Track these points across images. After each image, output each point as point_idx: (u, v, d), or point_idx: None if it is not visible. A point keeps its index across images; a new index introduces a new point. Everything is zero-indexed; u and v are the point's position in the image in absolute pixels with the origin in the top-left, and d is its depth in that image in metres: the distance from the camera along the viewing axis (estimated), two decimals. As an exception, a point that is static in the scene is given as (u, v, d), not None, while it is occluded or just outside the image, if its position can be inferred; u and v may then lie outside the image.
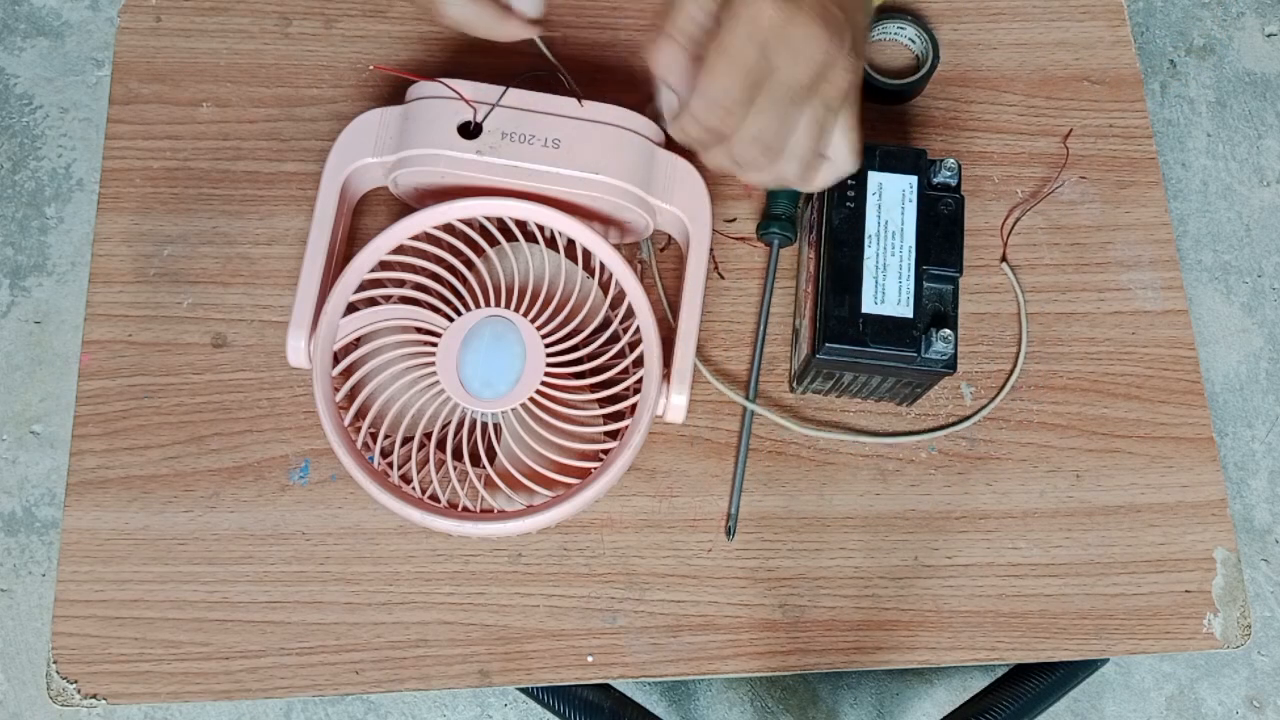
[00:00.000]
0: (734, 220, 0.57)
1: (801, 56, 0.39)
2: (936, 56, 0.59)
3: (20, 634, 1.08)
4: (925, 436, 0.54)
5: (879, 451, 0.54)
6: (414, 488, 0.48)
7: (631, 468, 0.51)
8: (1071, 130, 0.59)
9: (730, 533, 0.52)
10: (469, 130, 0.49)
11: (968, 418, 0.54)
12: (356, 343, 0.50)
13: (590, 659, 0.50)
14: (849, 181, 0.50)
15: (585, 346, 0.50)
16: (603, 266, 0.51)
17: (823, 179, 0.46)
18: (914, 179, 0.50)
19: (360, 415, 0.49)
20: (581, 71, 0.52)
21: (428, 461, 0.48)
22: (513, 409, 0.48)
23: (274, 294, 0.55)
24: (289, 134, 0.57)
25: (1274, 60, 1.35)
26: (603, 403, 0.51)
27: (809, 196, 0.56)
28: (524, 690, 0.60)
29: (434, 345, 0.49)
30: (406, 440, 0.49)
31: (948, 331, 0.47)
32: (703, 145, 0.43)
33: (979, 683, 0.84)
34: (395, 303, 0.50)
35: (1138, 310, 0.57)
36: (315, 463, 0.52)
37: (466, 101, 0.49)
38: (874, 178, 0.50)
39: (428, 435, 0.49)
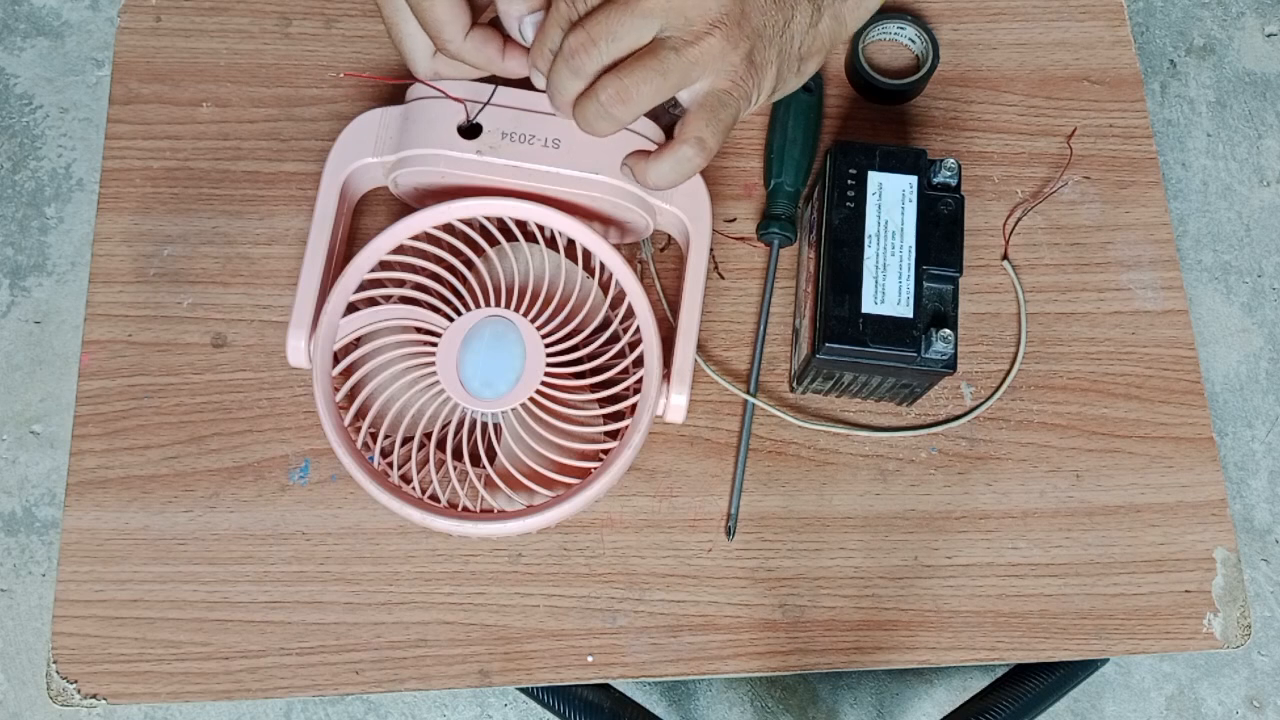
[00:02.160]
0: (734, 220, 0.57)
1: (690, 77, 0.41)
2: (936, 56, 0.59)
3: (20, 634, 1.08)
4: (922, 432, 0.54)
5: (879, 451, 0.54)
6: (414, 488, 0.48)
7: (631, 468, 0.51)
8: (1076, 130, 0.59)
9: (730, 533, 0.52)
10: (469, 130, 0.49)
11: (964, 415, 0.54)
12: (356, 343, 0.50)
13: (590, 659, 0.50)
14: (849, 181, 0.50)
15: (585, 346, 0.50)
16: (603, 266, 0.51)
17: (661, 169, 0.45)
18: (914, 179, 0.50)
19: (360, 415, 0.49)
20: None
21: (428, 461, 0.48)
22: (513, 409, 0.48)
23: (274, 294, 0.55)
24: (289, 134, 0.57)
25: (1274, 60, 1.35)
26: (603, 403, 0.51)
27: (809, 196, 0.56)
28: (524, 690, 0.60)
29: (434, 345, 0.49)
30: (406, 440, 0.49)
31: (948, 331, 0.47)
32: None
33: (979, 683, 0.84)
34: (395, 303, 0.50)
35: (1138, 310, 0.57)
36: (315, 463, 0.52)
37: (454, 99, 0.49)
38: (874, 178, 0.50)
39: (428, 435, 0.49)
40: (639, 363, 0.50)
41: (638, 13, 0.40)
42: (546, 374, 0.48)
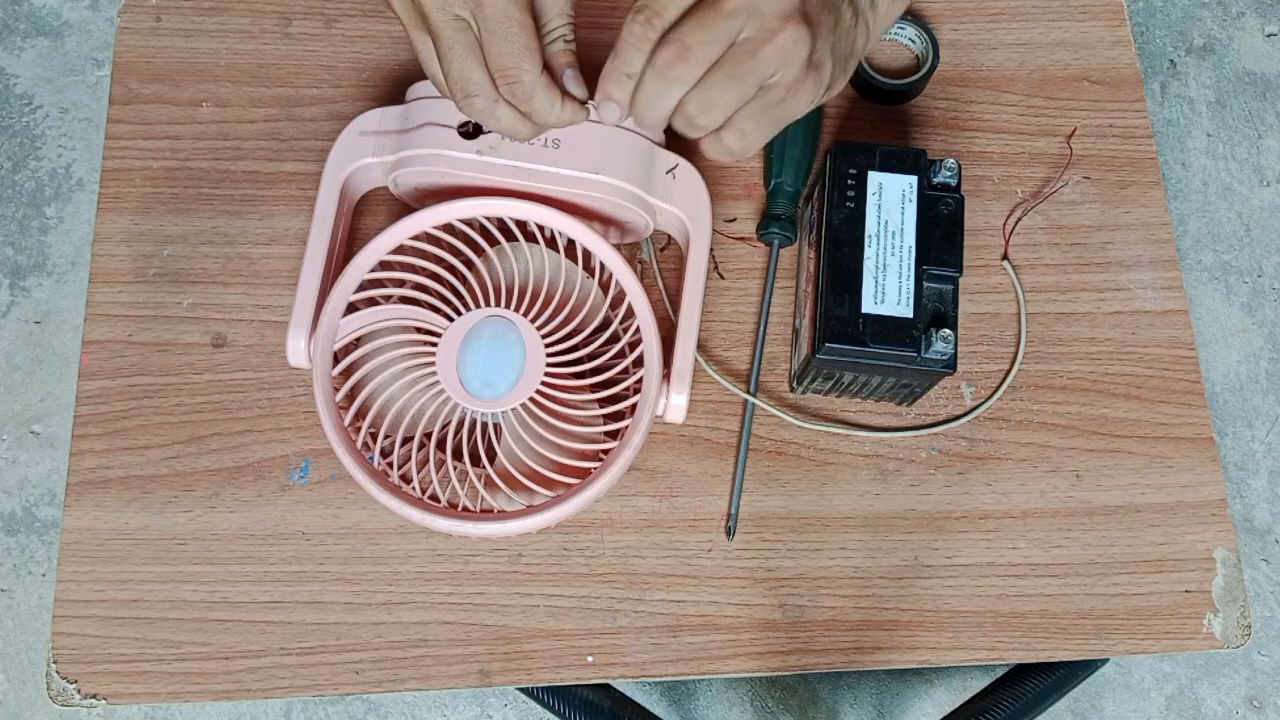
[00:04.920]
0: (734, 220, 0.57)
1: (790, 65, 0.40)
2: (936, 56, 0.59)
3: (20, 634, 1.08)
4: (922, 432, 0.54)
5: (879, 451, 0.54)
6: (414, 488, 0.48)
7: (631, 468, 0.51)
8: (1076, 130, 0.59)
9: (730, 533, 0.52)
10: (469, 130, 0.49)
11: (964, 415, 0.54)
12: (356, 343, 0.50)
13: (590, 659, 0.50)
14: (849, 181, 0.50)
15: (585, 346, 0.50)
16: (603, 266, 0.51)
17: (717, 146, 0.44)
18: (914, 179, 0.50)
19: (360, 415, 0.49)
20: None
21: (428, 461, 0.48)
22: (513, 409, 0.48)
23: (274, 294, 0.55)
24: (289, 134, 0.57)
25: (1274, 60, 1.35)
26: (603, 403, 0.51)
27: (809, 196, 0.56)
28: (524, 690, 0.60)
29: (434, 345, 0.49)
30: (406, 440, 0.49)
31: (948, 331, 0.47)
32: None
33: (979, 683, 0.84)
34: (395, 303, 0.50)
35: (1138, 310, 0.57)
36: (315, 463, 0.52)
37: None
38: (874, 178, 0.50)
39: (428, 435, 0.49)
40: (639, 363, 0.50)
41: (726, 14, 0.40)
42: (546, 374, 0.48)
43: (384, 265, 0.50)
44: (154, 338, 0.54)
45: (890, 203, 0.49)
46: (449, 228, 0.51)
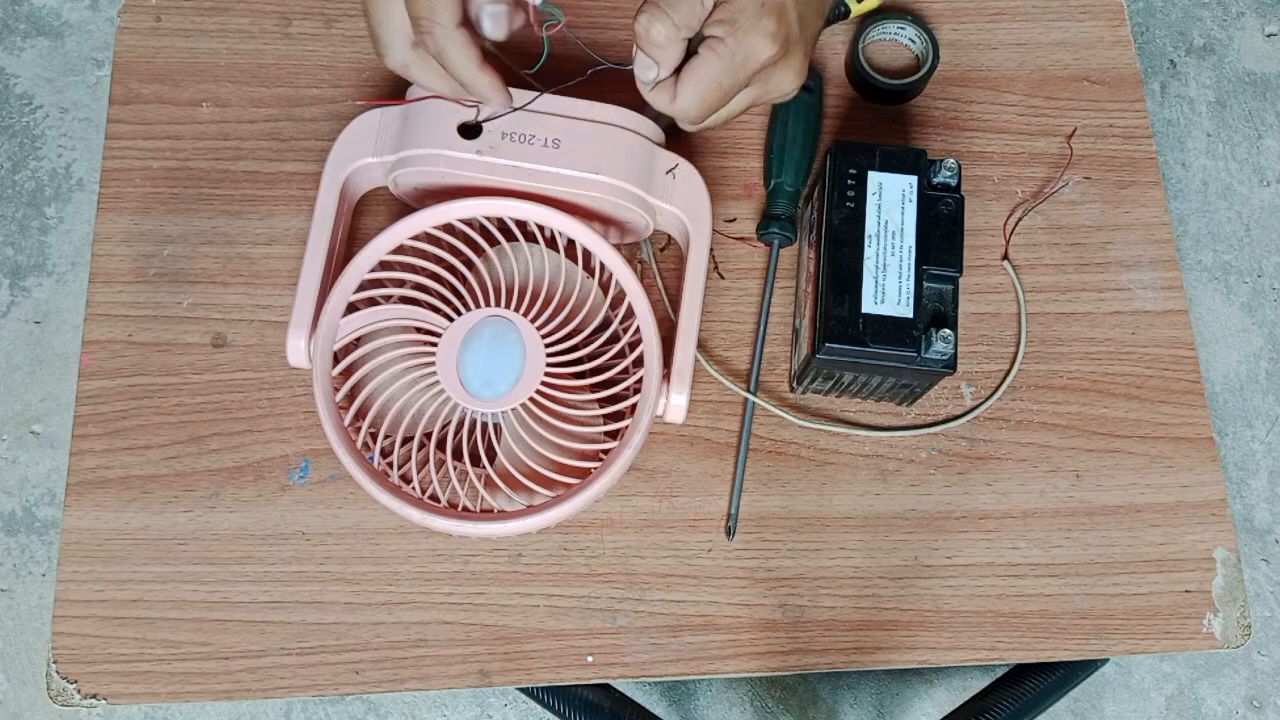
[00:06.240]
0: (734, 220, 0.57)
1: (774, 92, 0.47)
2: (936, 56, 0.59)
3: (20, 634, 1.08)
4: (922, 432, 0.54)
5: (879, 451, 0.54)
6: (414, 488, 0.48)
7: (631, 468, 0.51)
8: (1076, 130, 0.59)
9: (730, 533, 0.52)
10: (469, 130, 0.49)
11: (964, 415, 0.54)
12: (356, 343, 0.50)
13: (590, 659, 0.50)
14: (849, 181, 0.50)
15: (585, 346, 0.50)
16: (603, 266, 0.51)
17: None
18: (914, 179, 0.50)
19: (360, 415, 0.49)
20: (580, 72, 0.52)
21: (428, 461, 0.48)
22: (513, 409, 0.48)
23: (274, 294, 0.55)
24: (289, 134, 0.57)
25: (1274, 60, 1.35)
26: (603, 403, 0.51)
27: (809, 196, 0.56)
28: (524, 690, 0.60)
29: (434, 345, 0.49)
30: (406, 440, 0.49)
31: (948, 331, 0.47)
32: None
33: (979, 683, 0.84)
34: (395, 303, 0.50)
35: (1138, 310, 0.57)
36: (315, 463, 0.52)
37: (461, 103, 0.49)
38: (874, 178, 0.50)
39: (428, 435, 0.49)
40: (639, 363, 0.50)
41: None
42: (546, 374, 0.48)
43: (384, 265, 0.50)
44: (154, 338, 0.54)
45: (890, 203, 0.49)
46: (449, 228, 0.51)
